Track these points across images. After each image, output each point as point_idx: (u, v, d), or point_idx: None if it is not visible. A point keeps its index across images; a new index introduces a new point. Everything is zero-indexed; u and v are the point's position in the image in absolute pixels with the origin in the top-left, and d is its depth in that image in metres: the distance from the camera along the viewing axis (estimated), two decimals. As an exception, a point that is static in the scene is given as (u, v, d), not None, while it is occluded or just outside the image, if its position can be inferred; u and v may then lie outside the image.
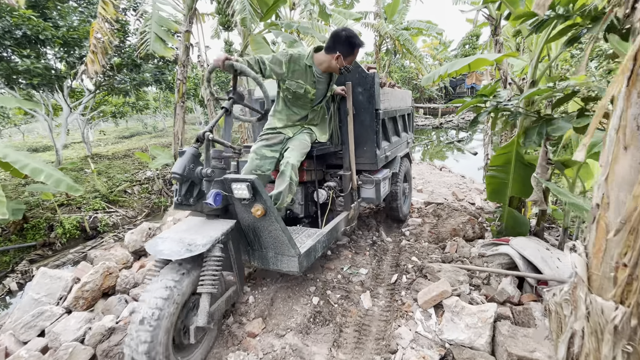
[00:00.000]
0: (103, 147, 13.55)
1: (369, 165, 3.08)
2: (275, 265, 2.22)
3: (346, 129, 2.81)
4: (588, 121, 1.40)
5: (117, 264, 2.97)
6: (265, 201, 1.93)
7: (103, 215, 6.07)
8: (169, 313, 1.56)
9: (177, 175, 1.79)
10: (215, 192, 1.85)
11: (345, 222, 2.89)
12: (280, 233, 2.05)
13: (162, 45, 4.93)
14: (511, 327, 1.89)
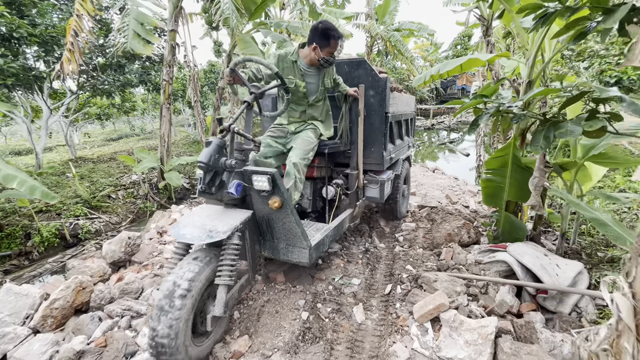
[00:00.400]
0: (89, 150, 13.16)
1: (375, 165, 3.20)
2: (286, 255, 2.31)
3: (356, 129, 2.91)
4: (600, 124, 1.29)
5: (93, 277, 2.77)
6: (282, 194, 2.02)
7: (85, 221, 5.80)
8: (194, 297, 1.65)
9: (203, 164, 1.87)
10: (236, 182, 1.95)
11: (350, 219, 3.00)
12: (294, 225, 2.15)
13: (142, 43, 4.70)
14: (513, 343, 1.77)
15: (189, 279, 1.66)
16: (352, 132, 2.98)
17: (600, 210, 1.70)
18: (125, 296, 2.53)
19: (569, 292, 2.31)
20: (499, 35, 9.19)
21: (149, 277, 2.81)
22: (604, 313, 2.35)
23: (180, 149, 12.02)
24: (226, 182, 2.00)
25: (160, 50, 8.60)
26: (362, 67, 3.05)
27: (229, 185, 1.96)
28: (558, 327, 2.28)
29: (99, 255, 3.47)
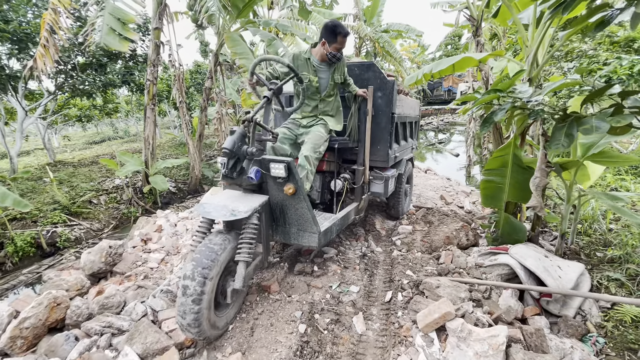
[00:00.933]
0: (69, 154, 12.63)
1: (380, 162, 3.40)
2: (297, 240, 2.47)
3: (364, 128, 3.07)
4: (629, 120, 1.20)
5: (69, 291, 2.55)
6: (297, 181, 2.18)
7: (63, 229, 5.48)
8: (216, 272, 1.85)
9: (227, 150, 2.05)
10: (255, 169, 2.13)
11: (355, 212, 3.15)
12: (306, 211, 2.32)
13: (117, 39, 4.44)
14: (526, 354, 1.67)
15: (212, 259, 1.85)
16: (360, 130, 3.14)
17: None
18: (106, 311, 2.33)
19: (575, 295, 2.24)
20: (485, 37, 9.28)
21: (132, 289, 2.61)
22: (609, 315, 2.30)
23: (166, 152, 11.67)
24: (246, 168, 2.17)
25: (144, 50, 8.30)
26: (371, 70, 3.26)
27: (248, 172, 2.13)
28: (564, 332, 2.20)
29: (77, 265, 3.23)
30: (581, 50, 5.10)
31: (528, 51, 2.43)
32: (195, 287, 1.78)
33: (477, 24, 6.36)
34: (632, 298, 2.31)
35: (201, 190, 8.10)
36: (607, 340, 2.09)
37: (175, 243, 3.57)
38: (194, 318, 1.78)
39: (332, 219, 2.73)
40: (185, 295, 1.79)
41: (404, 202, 4.16)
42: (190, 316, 1.78)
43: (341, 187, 3.11)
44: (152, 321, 2.25)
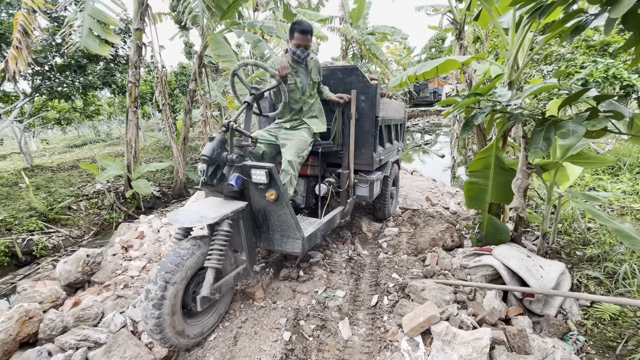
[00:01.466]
0: (47, 158, 12.20)
1: (365, 166, 3.38)
2: (280, 246, 2.44)
3: (348, 131, 3.10)
4: (604, 124, 1.23)
5: (43, 304, 2.43)
6: (279, 187, 2.18)
7: (40, 236, 5.27)
8: (179, 277, 1.81)
9: (206, 157, 2.05)
10: (236, 175, 2.13)
11: (341, 216, 3.17)
12: (289, 217, 2.30)
13: (97, 42, 4.31)
14: (509, 356, 1.68)
15: (176, 263, 1.82)
16: (344, 134, 3.16)
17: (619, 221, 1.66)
18: (82, 324, 2.23)
19: (556, 295, 2.27)
20: (469, 40, 9.48)
21: (110, 300, 2.51)
22: (589, 314, 2.35)
23: (149, 155, 11.42)
24: (227, 175, 2.16)
25: (126, 51, 8.10)
26: (354, 74, 3.26)
27: (229, 178, 2.13)
28: (546, 331, 2.24)
29: (52, 275, 3.09)
30: (559, 54, 5.25)
31: (508, 54, 2.47)
32: (157, 291, 1.74)
33: (460, 27, 6.47)
34: (610, 296, 2.38)
35: (186, 194, 7.94)
36: (587, 338, 2.13)
37: (158, 250, 3.47)
38: (155, 323, 1.74)
39: (316, 223, 2.72)
40: (147, 299, 1.75)
41: (390, 205, 4.19)
42: (151, 321, 1.74)
43: (326, 191, 3.10)
44: (132, 332, 2.17)
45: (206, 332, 2.07)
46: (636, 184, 4.39)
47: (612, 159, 2.48)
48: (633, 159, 5.28)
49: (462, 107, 1.72)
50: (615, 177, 4.93)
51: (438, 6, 8.75)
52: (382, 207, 4.00)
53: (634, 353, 1.90)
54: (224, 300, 2.21)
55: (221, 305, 2.20)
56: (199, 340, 2.02)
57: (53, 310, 2.33)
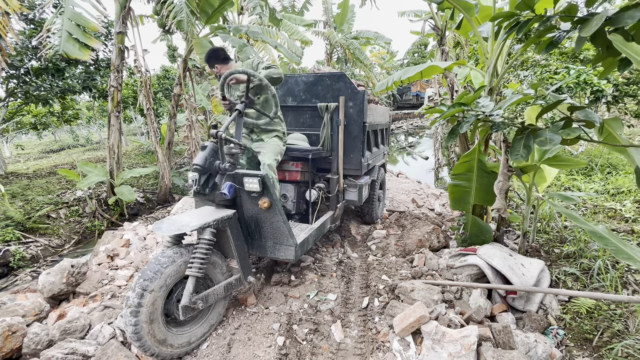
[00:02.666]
0: (22, 164, 11.71)
1: (354, 170, 3.45)
2: (273, 253, 2.45)
3: (337, 137, 3.15)
4: (578, 133, 1.33)
5: (26, 317, 2.36)
6: (272, 195, 2.21)
7: (17, 247, 5.06)
8: (157, 285, 1.81)
9: (199, 166, 2.06)
10: (229, 184, 2.15)
11: (331, 220, 3.22)
12: (282, 224, 2.32)
13: (77, 46, 4.19)
14: (495, 351, 1.76)
15: (155, 271, 1.83)
16: (333, 139, 3.21)
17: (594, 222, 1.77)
18: (68, 337, 2.18)
19: (537, 291, 2.39)
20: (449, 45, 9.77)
21: (97, 311, 2.46)
22: (567, 308, 2.47)
23: (132, 160, 11.15)
24: (218, 184, 2.17)
25: (106, 54, 7.91)
26: (342, 81, 3.34)
27: (221, 187, 2.15)
28: (528, 326, 2.35)
29: (33, 287, 2.99)
30: (535, 60, 5.51)
31: (488, 62, 2.59)
32: (134, 298, 1.76)
33: (442, 34, 6.68)
34: (586, 291, 2.51)
35: (171, 199, 7.80)
36: (566, 331, 2.25)
37: (145, 258, 3.41)
38: (132, 330, 1.75)
39: (308, 229, 2.75)
40: (125, 307, 1.78)
41: (378, 208, 4.26)
42: (129, 328, 1.75)
43: (316, 196, 3.13)
44: (122, 342, 2.13)
45: (194, 342, 2.04)
46: (607, 183, 4.64)
47: (584, 161, 2.63)
48: (604, 160, 5.58)
49: (448, 117, 1.80)
50: (588, 177, 5.19)
51: (420, 12, 8.99)
52: (370, 211, 4.07)
53: (609, 344, 2.02)
54: (215, 309, 2.18)
55: (212, 315, 2.16)
56: (186, 350, 1.99)
57: (37, 323, 2.27)
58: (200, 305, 1.95)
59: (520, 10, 1.30)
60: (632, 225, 3.36)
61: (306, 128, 3.65)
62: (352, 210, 4.62)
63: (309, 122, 3.63)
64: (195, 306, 1.92)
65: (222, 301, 2.22)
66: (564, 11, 1.12)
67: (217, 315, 2.19)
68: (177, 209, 5.12)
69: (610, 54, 1.12)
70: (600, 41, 1.07)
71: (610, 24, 0.96)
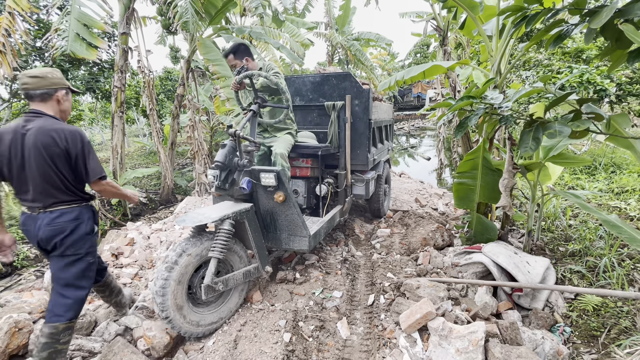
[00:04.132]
0: (25, 165, 11.75)
1: (360, 166, 3.58)
2: (288, 244, 2.59)
3: (344, 134, 3.28)
4: (587, 125, 1.33)
5: (32, 314, 2.36)
6: (286, 189, 2.36)
7: (22, 246, 5.07)
8: (183, 262, 2.00)
9: (220, 163, 2.23)
10: (247, 179, 2.31)
11: (340, 214, 3.37)
12: (296, 216, 2.47)
13: (84, 46, 4.23)
14: (503, 347, 1.75)
15: (177, 254, 2.00)
16: (340, 137, 3.33)
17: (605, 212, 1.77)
18: (74, 333, 2.17)
19: (543, 288, 2.38)
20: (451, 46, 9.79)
21: (103, 308, 2.46)
22: (573, 306, 2.46)
23: (135, 161, 11.19)
24: (237, 180, 2.33)
25: (110, 55, 7.95)
26: (347, 80, 3.47)
27: (240, 182, 2.30)
28: (535, 324, 2.34)
29: (39, 285, 3.00)
30: (537, 60, 5.51)
31: (493, 60, 2.60)
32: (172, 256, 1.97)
33: (444, 34, 6.69)
34: (593, 288, 2.50)
35: (174, 200, 7.81)
36: (572, 329, 2.24)
37: (149, 256, 3.42)
38: (161, 285, 1.92)
39: (319, 222, 2.89)
40: (162, 263, 1.98)
41: (384, 202, 4.37)
42: (159, 282, 1.92)
43: (326, 191, 3.26)
44: (128, 341, 2.13)
45: (205, 325, 2.12)
46: (611, 182, 4.63)
47: (589, 159, 2.63)
48: (607, 159, 5.57)
49: (456, 109, 1.81)
50: (591, 176, 5.19)
51: (422, 13, 9.01)
52: (377, 205, 4.16)
53: (617, 341, 2.01)
54: (231, 300, 2.29)
55: (223, 308, 2.25)
56: (194, 330, 2.07)
57: (43, 320, 2.27)
58: (221, 287, 2.09)
59: (529, 3, 1.31)
60: (637, 223, 3.35)
61: (314, 126, 3.77)
62: (358, 208, 4.65)
63: (317, 121, 3.77)
64: (216, 287, 2.06)
65: (238, 291, 2.34)
66: (573, 4, 1.13)
67: (227, 311, 2.27)
68: (180, 209, 5.13)
69: (619, 47, 1.13)
70: (609, 33, 1.07)
71: (621, 16, 0.97)
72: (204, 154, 6.27)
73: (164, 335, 2.08)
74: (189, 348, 2.05)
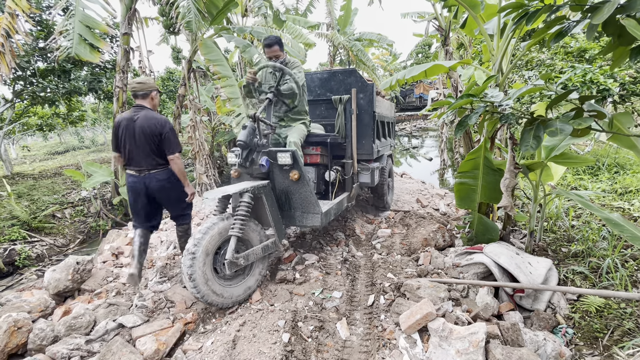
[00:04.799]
0: (28, 165, 11.81)
1: (366, 155, 3.85)
2: (301, 221, 2.82)
3: (350, 125, 3.54)
4: (589, 122, 1.31)
5: (32, 313, 2.36)
6: (300, 168, 2.62)
7: (23, 245, 5.09)
8: (207, 239, 2.27)
9: (242, 142, 2.50)
10: (265, 158, 2.55)
11: (347, 200, 3.59)
12: (309, 194, 2.70)
13: (88, 49, 4.26)
14: (504, 349, 1.73)
15: (202, 233, 2.27)
16: (347, 128, 3.57)
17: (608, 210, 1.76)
18: (73, 333, 2.18)
19: (545, 289, 2.36)
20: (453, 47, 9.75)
21: (102, 307, 2.46)
22: (576, 307, 2.44)
23: (136, 161, 11.20)
24: (255, 159, 2.59)
25: (112, 56, 7.98)
26: (353, 76, 3.77)
27: (259, 161, 2.55)
28: (537, 325, 2.31)
29: (39, 285, 3.00)
30: (540, 60, 5.47)
31: (494, 59, 2.58)
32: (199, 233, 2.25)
33: (446, 34, 6.67)
34: (595, 289, 2.47)
35: (175, 200, 7.81)
36: (575, 330, 2.22)
37: (150, 256, 3.42)
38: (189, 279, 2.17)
39: (329, 203, 3.12)
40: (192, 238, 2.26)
41: (388, 195, 4.64)
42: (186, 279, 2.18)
43: (334, 177, 3.50)
44: (127, 340, 2.13)
45: (238, 297, 2.40)
46: (615, 183, 4.59)
47: (592, 159, 2.60)
48: (611, 159, 5.52)
49: (456, 107, 1.79)
50: (594, 176, 5.14)
51: (424, 13, 8.98)
52: (382, 196, 4.43)
53: (620, 343, 1.98)
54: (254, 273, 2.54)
55: (251, 273, 2.53)
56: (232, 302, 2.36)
57: (42, 319, 2.27)
58: (242, 262, 2.34)
59: (529, 0, 1.29)
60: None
61: (322, 119, 4.02)
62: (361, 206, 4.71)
63: (324, 114, 4.03)
64: (237, 262, 2.30)
65: (262, 262, 2.59)
66: (574, 0, 1.11)
67: (255, 276, 2.54)
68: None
69: (621, 43, 1.11)
70: (611, 29, 1.05)
71: (623, 11, 0.95)
72: (204, 154, 6.27)
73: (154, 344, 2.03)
74: (188, 348, 2.05)
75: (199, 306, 2.48)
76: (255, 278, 2.52)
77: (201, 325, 2.29)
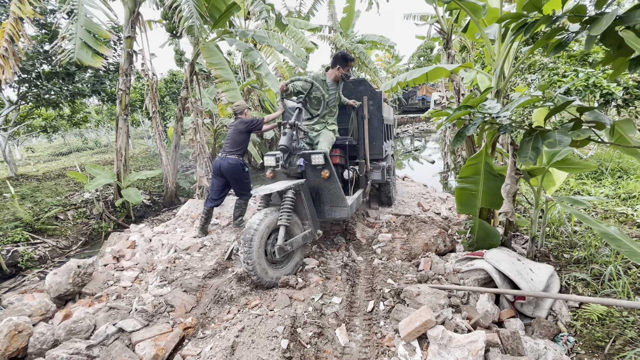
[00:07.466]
0: (32, 166, 11.91)
1: (377, 155, 4.29)
2: (330, 214, 3.22)
3: (362, 129, 4.00)
4: (588, 134, 1.30)
5: (32, 317, 2.37)
6: (331, 167, 3.03)
7: (26, 247, 5.12)
8: (262, 228, 2.62)
9: (284, 146, 2.94)
10: (302, 159, 2.97)
11: (363, 195, 4.03)
12: (338, 190, 3.11)
13: (90, 53, 4.30)
14: (504, 357, 1.72)
15: (257, 223, 2.61)
16: (359, 131, 4.03)
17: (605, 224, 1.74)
18: (73, 337, 2.18)
19: (546, 297, 2.34)
20: (455, 49, 9.74)
21: (103, 311, 2.47)
22: (577, 315, 2.41)
23: (139, 163, 11.27)
24: (292, 161, 2.98)
25: (115, 59, 8.04)
26: (363, 85, 4.25)
27: (296, 163, 2.95)
28: (538, 333, 2.29)
29: (41, 287, 3.02)
30: (542, 63, 5.45)
31: (495, 64, 2.57)
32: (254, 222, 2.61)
33: (448, 37, 6.66)
34: (598, 297, 2.45)
35: (177, 202, 7.85)
36: (576, 338, 2.19)
37: (150, 259, 3.43)
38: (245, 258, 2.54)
39: (350, 198, 3.47)
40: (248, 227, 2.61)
41: (393, 191, 5.07)
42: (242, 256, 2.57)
43: (352, 175, 3.87)
44: (127, 345, 2.13)
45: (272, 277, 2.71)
46: (618, 188, 4.55)
47: (594, 165, 2.58)
48: (614, 164, 5.48)
49: (454, 119, 1.78)
50: (598, 181, 5.10)
51: (426, 15, 8.98)
52: (388, 192, 4.81)
53: (622, 352, 1.96)
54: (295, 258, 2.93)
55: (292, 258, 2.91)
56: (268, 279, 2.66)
57: (43, 323, 2.28)
58: (289, 248, 2.73)
59: (528, 11, 1.29)
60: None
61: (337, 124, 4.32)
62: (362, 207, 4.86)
63: (338, 119, 4.32)
64: (286, 247, 2.68)
65: (301, 250, 2.99)
66: (573, 11, 1.11)
67: (295, 261, 2.91)
68: (183, 211, 5.15)
69: (620, 54, 1.10)
70: (610, 40, 1.05)
71: (621, 23, 0.94)
72: (205, 157, 6.28)
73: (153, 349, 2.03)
74: (186, 353, 2.05)
75: (199, 310, 2.48)
76: (294, 263, 2.89)
77: (200, 330, 2.29)
